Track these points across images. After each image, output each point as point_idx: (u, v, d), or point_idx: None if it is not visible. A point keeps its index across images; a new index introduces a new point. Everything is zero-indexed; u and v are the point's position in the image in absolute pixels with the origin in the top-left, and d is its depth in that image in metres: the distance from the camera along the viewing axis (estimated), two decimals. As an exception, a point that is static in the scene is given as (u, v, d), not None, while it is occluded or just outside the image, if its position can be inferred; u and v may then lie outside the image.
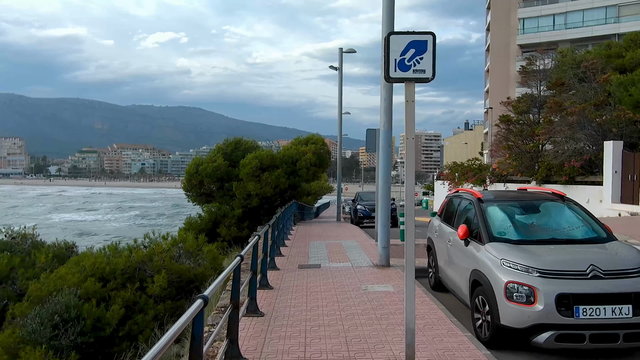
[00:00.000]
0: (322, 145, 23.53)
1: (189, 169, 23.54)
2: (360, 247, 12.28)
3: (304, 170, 22.41)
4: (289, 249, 11.98)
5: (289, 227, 16.69)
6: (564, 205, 6.45)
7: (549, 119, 22.78)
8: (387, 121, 9.13)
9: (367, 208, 20.94)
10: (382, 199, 9.32)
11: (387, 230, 9.27)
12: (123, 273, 11.24)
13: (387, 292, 7.12)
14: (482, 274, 5.53)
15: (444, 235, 7.41)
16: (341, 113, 26.60)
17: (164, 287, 10.95)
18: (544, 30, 57.48)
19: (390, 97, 9.10)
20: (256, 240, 6.06)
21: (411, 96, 4.25)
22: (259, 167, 21.78)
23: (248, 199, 22.19)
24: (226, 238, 21.71)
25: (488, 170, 30.25)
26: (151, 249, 12.15)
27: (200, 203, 24.00)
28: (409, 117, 4.26)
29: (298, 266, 9.38)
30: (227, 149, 23.87)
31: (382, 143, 9.22)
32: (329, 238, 14.55)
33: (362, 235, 15.19)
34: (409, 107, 4.26)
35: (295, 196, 25.01)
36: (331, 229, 18.05)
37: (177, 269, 11.59)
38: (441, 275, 7.57)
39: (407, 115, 4.27)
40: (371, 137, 12.92)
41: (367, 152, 12.23)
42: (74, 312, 10.01)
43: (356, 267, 9.26)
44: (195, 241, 12.93)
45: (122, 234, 43.78)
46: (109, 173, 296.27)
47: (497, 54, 63.02)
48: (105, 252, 11.94)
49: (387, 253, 9.27)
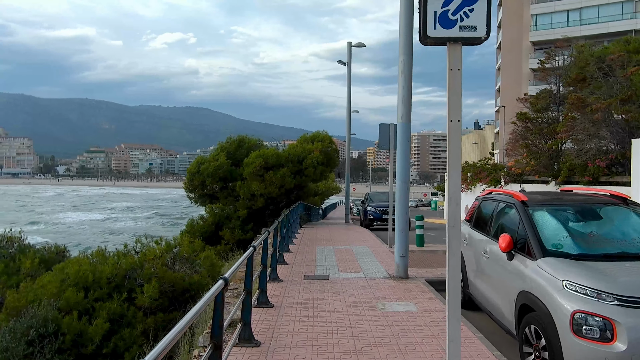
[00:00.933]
0: (329, 143, 22.37)
1: (190, 168, 22.47)
2: (372, 253, 11.12)
3: (311, 169, 21.25)
4: (293, 255, 10.84)
5: (295, 230, 15.57)
6: (629, 210, 5.25)
7: (571, 116, 21.45)
8: (405, 113, 7.96)
9: (378, 210, 19.75)
10: (400, 202, 8.15)
11: (405, 237, 8.11)
12: (109, 282, 10.15)
13: (410, 313, 5.96)
14: (535, 297, 4.35)
15: (476, 245, 6.25)
16: (350, 110, 25.43)
17: (155, 297, 9.85)
18: (557, 26, 55.99)
19: (410, 85, 7.94)
20: (250, 252, 4.93)
21: (457, 62, 3.10)
22: (263, 166, 20.65)
23: (252, 199, 21.09)
24: (230, 241, 20.63)
25: (503, 170, 28.94)
26: (142, 254, 11.07)
27: (204, 204, 22.94)
28: (453, 91, 3.11)
29: (303, 277, 8.24)
30: (230, 148, 22.77)
31: (401, 138, 8.05)
32: (337, 243, 13.40)
33: (373, 240, 14.02)
34: (453, 78, 3.11)
35: (302, 197, 23.88)
36: (340, 232, 16.90)
37: (170, 278, 10.49)
38: (472, 291, 6.40)
39: (451, 88, 3.11)
40: (385, 132, 11.76)
41: (380, 149, 11.07)
42: (52, 327, 8.93)
43: (370, 278, 8.10)
44: (191, 246, 11.83)
45: (150, 233, 43.29)
46: (117, 173, 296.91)
47: (509, 51, 61.60)
48: (90, 259, 10.85)
49: (406, 263, 8.10)
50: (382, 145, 11.72)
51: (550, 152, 24.37)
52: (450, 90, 3.10)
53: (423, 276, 8.29)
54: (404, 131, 8.01)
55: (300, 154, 21.63)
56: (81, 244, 41.83)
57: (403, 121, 7.97)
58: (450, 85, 3.09)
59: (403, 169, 8.09)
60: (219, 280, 3.31)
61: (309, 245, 12.69)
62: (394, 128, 11.73)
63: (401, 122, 8.00)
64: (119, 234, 52.86)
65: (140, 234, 47.38)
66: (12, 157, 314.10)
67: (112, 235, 51.54)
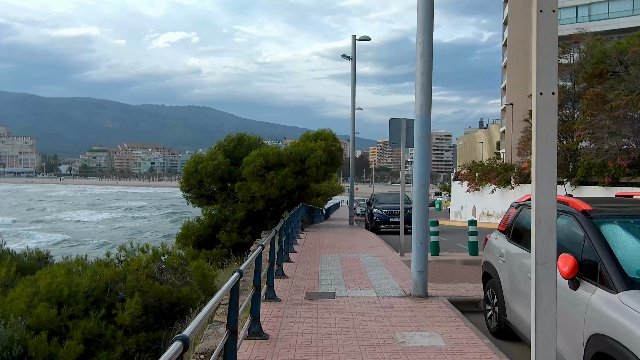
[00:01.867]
0: (333, 141, 21.18)
1: (187, 167, 21.32)
2: (382, 263, 9.96)
3: (314, 169, 20.06)
4: (294, 266, 9.69)
5: (296, 235, 14.43)
6: None
7: (589, 113, 20.23)
8: (425, 103, 6.79)
9: (384, 212, 18.54)
10: (418, 207, 6.97)
11: (424, 249, 6.94)
12: (87, 296, 9.00)
13: (437, 349, 4.79)
14: (621, 347, 3.18)
15: (517, 263, 5.08)
16: (354, 106, 24.24)
17: (137, 314, 8.72)
18: (566, 22, 54.69)
19: (430, 70, 6.77)
20: (236, 277, 3.77)
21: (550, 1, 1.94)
22: (263, 165, 19.48)
23: (252, 201, 19.93)
24: (226, 245, 19.49)
25: (513, 170, 27.73)
26: (126, 264, 9.93)
27: (201, 205, 21.78)
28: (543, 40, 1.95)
29: (305, 295, 7.09)
30: (229, 146, 21.62)
31: (420, 133, 6.87)
32: (342, 250, 12.23)
33: (381, 246, 12.85)
34: (544, 22, 1.94)
35: (304, 198, 22.72)
36: (344, 237, 15.73)
37: (155, 291, 9.34)
38: (511, 319, 5.22)
39: (541, 36, 1.95)
40: (395, 128, 10.58)
41: (390, 147, 9.91)
42: (18, 349, 7.81)
43: (383, 297, 6.94)
44: (179, 255, 10.68)
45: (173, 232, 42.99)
46: (119, 172, 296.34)
47: (515, 48, 60.41)
48: (68, 268, 9.71)
49: (425, 279, 6.93)
50: (393, 142, 10.55)
51: (565, 151, 23.18)
52: (539, 38, 1.93)
53: (444, 294, 7.13)
54: (423, 125, 6.83)
55: (302, 152, 20.45)
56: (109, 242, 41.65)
57: (422, 112, 6.79)
58: (541, 34, 1.93)
59: (422, 170, 6.92)
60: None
61: (312, 253, 11.53)
62: (405, 123, 10.57)
63: (420, 114, 6.82)
64: (144, 232, 52.65)
65: (166, 233, 46.59)
66: (14, 155, 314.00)
67: (139, 234, 51.35)
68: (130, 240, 14.36)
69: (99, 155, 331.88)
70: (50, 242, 45.44)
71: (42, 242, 44.80)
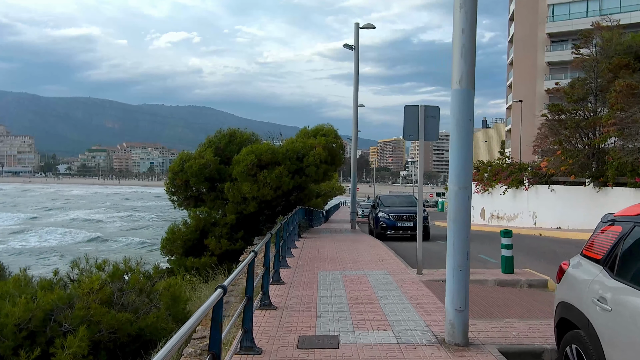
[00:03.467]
0: (334, 138, 19.19)
1: (173, 166, 19.34)
2: (396, 285, 7.97)
3: (313, 168, 18.07)
4: (286, 288, 7.69)
5: (292, 244, 12.46)
6: None
7: (620, 106, 18.20)
8: (467, 72, 4.79)
9: (392, 216, 16.52)
10: (458, 219, 4.94)
11: (464, 278, 4.93)
12: (20, 329, 7.03)
13: None
14: None
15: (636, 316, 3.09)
16: (357, 100, 22.25)
17: (82, 353, 6.74)
18: (576, 17, 52.84)
19: (474, 24, 4.77)
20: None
21: None
22: (256, 163, 17.48)
23: (243, 203, 17.94)
24: (215, 252, 17.53)
25: (528, 170, 25.70)
26: (74, 287, 7.97)
27: (188, 208, 19.79)
28: None
29: (297, 341, 5.09)
30: (219, 143, 19.63)
31: (459, 113, 4.85)
32: (346, 264, 10.24)
33: (392, 259, 10.85)
34: None
35: (302, 199, 20.73)
36: (347, 246, 13.72)
37: (110, 321, 7.35)
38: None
39: None
40: (411, 116, 8.59)
41: (405, 139, 7.95)
42: None
43: (406, 344, 4.95)
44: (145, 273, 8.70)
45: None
46: (118, 172, 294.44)
47: (522, 44, 58.34)
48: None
49: (465, 320, 4.93)
50: (409, 134, 8.56)
51: (588, 149, 21.19)
52: None
53: (490, 339, 5.13)
54: (463, 102, 4.81)
55: (300, 150, 18.46)
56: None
57: (462, 86, 4.78)
58: None
59: (462, 166, 4.89)
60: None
61: (309, 269, 9.54)
62: (424, 111, 8.58)
63: (459, 88, 4.81)
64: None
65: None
66: (13, 155, 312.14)
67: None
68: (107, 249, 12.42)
69: (98, 155, 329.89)
70: (83, 239, 47.08)
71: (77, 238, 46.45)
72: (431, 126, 8.50)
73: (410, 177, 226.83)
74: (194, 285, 13.75)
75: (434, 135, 8.50)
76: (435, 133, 8.53)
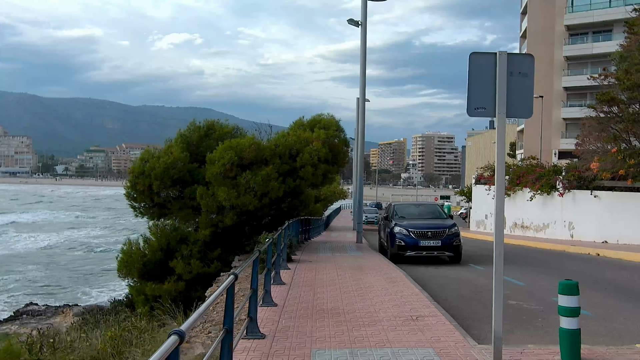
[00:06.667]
0: (335, 131, 15.22)
1: (134, 168, 15.29)
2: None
3: (309, 168, 14.08)
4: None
5: (276, 277, 8.51)
6: None
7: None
8: None
9: (413, 232, 12.45)
10: None
11: None
12: None
13: None
14: None
15: None
16: (364, 85, 18.24)
17: None
18: (597, 7, 48.94)
19: None
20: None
21: None
22: (236, 162, 13.48)
23: (220, 213, 13.97)
24: (184, 276, 13.58)
25: (567, 173, 21.70)
26: None
27: (153, 217, 15.81)
28: None
29: None
30: (192, 137, 15.66)
31: None
32: (357, 325, 6.22)
33: (432, 314, 6.82)
34: None
35: (298, 207, 16.75)
36: (355, 283, 9.61)
37: None
38: None
39: None
40: (483, 73, 4.62)
41: (469, 114, 3.87)
42: None
43: None
44: None
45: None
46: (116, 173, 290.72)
47: (536, 39, 54.21)
48: None
49: None
50: (477, 105, 4.59)
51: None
52: None
53: None
54: None
55: (293, 145, 14.47)
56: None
57: None
58: None
59: None
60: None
61: (295, 343, 5.55)
62: (505, 63, 4.60)
63: None
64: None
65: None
66: (10, 155, 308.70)
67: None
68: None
69: (96, 156, 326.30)
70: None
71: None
72: (520, 91, 4.55)
73: (411, 180, 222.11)
74: (147, 325, 9.83)
75: (525, 107, 4.57)
76: (528, 104, 4.59)
